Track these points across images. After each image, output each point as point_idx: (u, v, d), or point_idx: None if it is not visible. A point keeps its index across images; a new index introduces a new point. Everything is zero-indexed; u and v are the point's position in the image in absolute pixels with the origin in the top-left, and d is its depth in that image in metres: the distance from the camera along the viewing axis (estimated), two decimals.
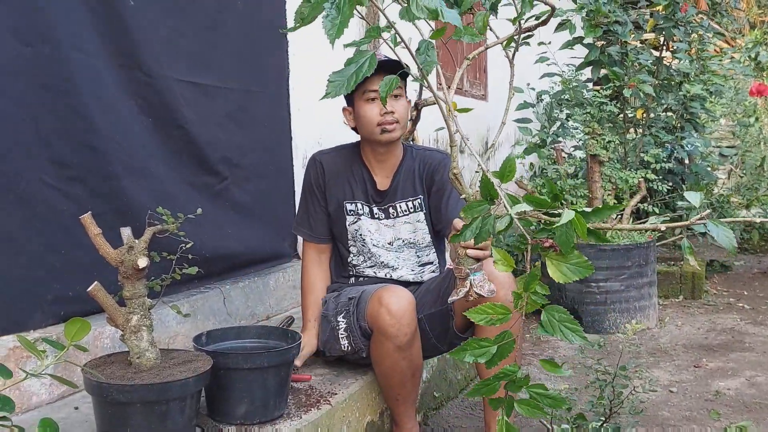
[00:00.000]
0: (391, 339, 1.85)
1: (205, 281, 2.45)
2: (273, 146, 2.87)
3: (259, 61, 2.76)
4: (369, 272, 2.17)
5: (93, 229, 1.47)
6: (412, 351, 1.90)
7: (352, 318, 1.95)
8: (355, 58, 1.20)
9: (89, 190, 1.97)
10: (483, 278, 1.54)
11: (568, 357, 3.17)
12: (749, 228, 5.05)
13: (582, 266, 1.12)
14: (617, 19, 4.25)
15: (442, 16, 1.10)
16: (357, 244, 2.17)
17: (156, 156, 2.27)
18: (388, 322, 1.83)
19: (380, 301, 1.85)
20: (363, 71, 1.19)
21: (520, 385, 1.21)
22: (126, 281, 1.51)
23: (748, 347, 3.32)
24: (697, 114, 4.92)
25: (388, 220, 2.16)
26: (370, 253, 2.16)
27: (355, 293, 1.99)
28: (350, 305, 1.97)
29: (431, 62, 1.21)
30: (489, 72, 5.37)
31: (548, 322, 1.18)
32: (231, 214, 2.61)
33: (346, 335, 1.98)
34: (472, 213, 1.15)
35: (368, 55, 1.19)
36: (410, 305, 1.85)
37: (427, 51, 1.23)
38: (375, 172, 2.17)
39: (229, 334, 1.85)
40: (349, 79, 1.20)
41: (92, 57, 2.00)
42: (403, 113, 2.09)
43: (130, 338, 1.50)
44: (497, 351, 1.20)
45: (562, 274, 1.12)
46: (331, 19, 1.09)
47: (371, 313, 1.88)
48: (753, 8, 12.63)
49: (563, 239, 1.09)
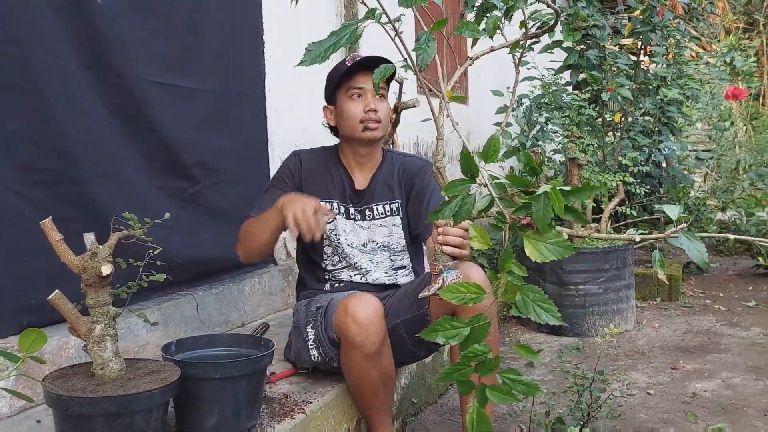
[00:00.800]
0: (359, 348, 1.80)
1: (177, 288, 2.40)
2: (249, 149, 2.83)
3: (235, 63, 2.72)
4: (344, 275, 2.13)
5: (54, 234, 1.42)
6: (381, 359, 1.85)
7: (320, 328, 1.91)
8: (338, 32, 1.17)
9: (56, 195, 1.92)
10: (457, 277, 1.51)
11: (548, 360, 3.16)
12: (725, 231, 5.09)
13: (560, 245, 1.06)
14: (596, 23, 4.26)
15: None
16: (332, 244, 2.13)
17: (127, 160, 2.21)
18: (354, 331, 1.79)
19: (346, 310, 1.81)
20: (342, 42, 1.16)
21: (490, 367, 1.14)
22: (89, 289, 1.46)
23: (724, 348, 3.33)
24: (674, 118, 4.95)
25: (363, 222, 2.13)
26: (345, 254, 2.12)
27: (323, 302, 1.95)
28: (318, 315, 1.93)
29: (429, 55, 1.17)
30: (470, 75, 5.37)
31: (522, 302, 1.12)
32: (205, 219, 2.56)
33: (315, 345, 1.93)
34: (453, 191, 1.11)
35: (351, 28, 1.16)
36: (377, 313, 1.81)
37: (427, 43, 1.19)
38: (354, 173, 2.14)
39: (200, 342, 1.80)
40: (327, 49, 1.16)
41: (60, 57, 1.95)
42: (385, 114, 2.07)
43: (93, 348, 1.45)
44: (470, 333, 1.13)
45: (539, 254, 1.06)
46: None
47: (338, 323, 1.84)
48: (728, 14, 12.79)
49: (540, 216, 1.03)
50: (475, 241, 1.11)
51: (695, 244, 1.07)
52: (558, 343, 3.43)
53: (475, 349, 1.13)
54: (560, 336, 3.56)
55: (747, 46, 10.38)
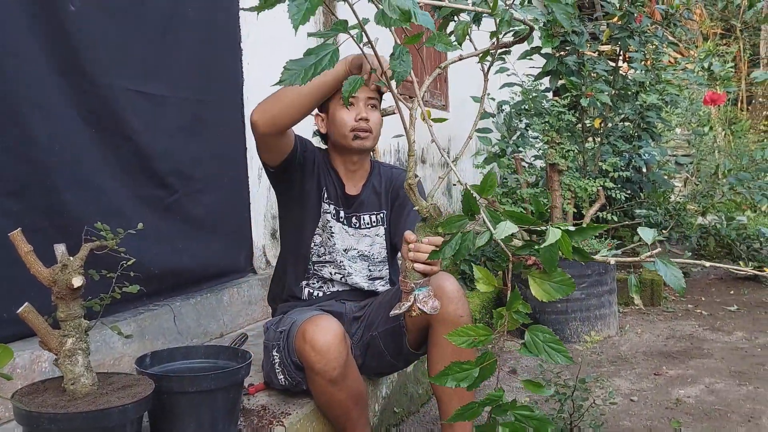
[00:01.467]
0: (321, 375, 1.76)
1: (154, 298, 2.35)
2: (227, 157, 2.79)
3: (213, 70, 2.68)
4: (326, 271, 2.08)
5: (23, 246, 1.38)
6: (347, 382, 1.80)
7: (284, 353, 1.87)
8: (316, 50, 1.12)
9: (27, 205, 1.87)
10: (428, 294, 1.48)
11: (531, 367, 3.14)
12: (705, 235, 5.12)
13: (566, 284, 1.10)
14: (574, 30, 4.28)
15: (415, 18, 1.05)
16: (324, 234, 2.09)
17: (101, 168, 2.17)
18: (313, 358, 1.74)
19: (304, 337, 1.76)
20: (323, 65, 1.11)
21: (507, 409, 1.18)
22: (60, 302, 1.42)
23: (707, 353, 3.34)
24: (654, 123, 4.98)
25: (350, 229, 2.11)
26: (333, 248, 2.08)
27: (285, 326, 1.90)
28: (281, 339, 1.88)
29: (405, 69, 1.14)
30: (450, 82, 5.37)
31: (532, 343, 1.14)
32: (183, 228, 2.51)
33: (281, 369, 1.89)
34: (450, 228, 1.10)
35: (330, 49, 1.12)
36: (336, 338, 1.76)
37: (402, 56, 1.16)
38: (345, 176, 2.12)
39: (176, 354, 1.76)
40: (307, 70, 1.10)
41: (31, 63, 1.91)
42: (377, 124, 2.03)
43: (64, 363, 1.40)
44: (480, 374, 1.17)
45: (545, 293, 1.10)
46: (298, 4, 1.01)
47: (297, 350, 1.80)
48: (706, 20, 12.97)
49: (547, 258, 1.06)
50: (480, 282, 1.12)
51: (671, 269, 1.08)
52: None
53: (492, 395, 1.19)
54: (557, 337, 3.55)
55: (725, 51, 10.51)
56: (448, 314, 1.82)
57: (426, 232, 1.43)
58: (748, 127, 10.68)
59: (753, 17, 10.11)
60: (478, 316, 3.71)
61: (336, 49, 1.11)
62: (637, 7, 4.51)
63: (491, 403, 1.18)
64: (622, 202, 4.60)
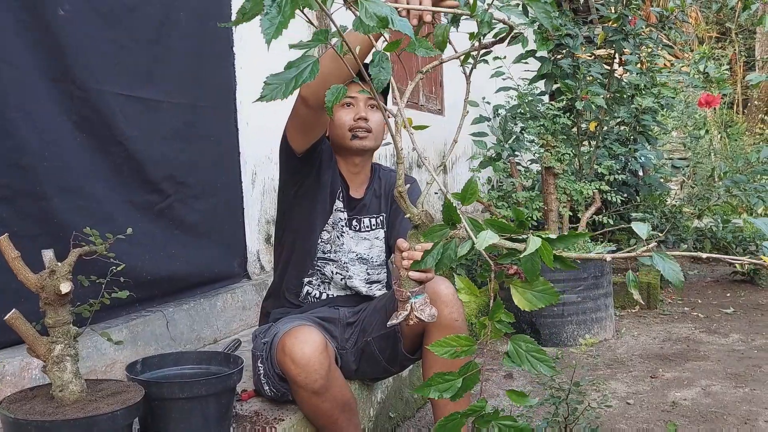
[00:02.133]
0: (303, 387, 1.74)
1: (146, 304, 2.34)
2: (220, 162, 2.78)
3: (205, 75, 2.68)
4: (328, 270, 2.07)
5: (10, 252, 1.37)
6: (331, 392, 1.78)
7: (267, 364, 1.86)
8: (297, 62, 1.10)
9: (16, 211, 1.86)
10: (424, 301, 1.47)
11: (525, 371, 3.13)
12: (702, 238, 5.12)
13: (548, 293, 1.09)
14: (568, 33, 4.28)
15: (392, 24, 1.04)
16: (333, 232, 2.07)
17: (92, 174, 2.16)
18: (294, 372, 1.73)
19: (284, 349, 1.75)
20: (303, 77, 1.10)
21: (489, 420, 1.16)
22: (48, 308, 1.41)
23: (703, 356, 3.33)
24: (649, 126, 4.98)
25: (351, 231, 2.10)
26: (341, 248, 2.07)
27: (268, 337, 1.89)
28: (264, 350, 1.87)
29: (385, 76, 1.13)
30: (445, 86, 5.37)
31: (515, 353, 1.13)
32: (175, 234, 2.50)
33: (266, 381, 1.88)
34: (432, 237, 1.09)
35: (311, 61, 1.11)
36: (315, 350, 1.73)
37: (382, 63, 1.14)
38: (349, 178, 2.10)
39: (167, 360, 1.75)
40: (288, 84, 1.09)
41: (20, 69, 1.90)
42: (377, 124, 2.00)
43: (52, 369, 1.39)
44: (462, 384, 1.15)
45: (527, 302, 1.09)
46: (270, 18, 1.00)
47: (279, 363, 1.79)
48: (701, 24, 13.00)
49: (529, 267, 1.04)
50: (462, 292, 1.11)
51: (669, 263, 1.06)
52: None
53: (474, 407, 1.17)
54: (540, 346, 3.54)
55: (720, 54, 10.53)
56: (443, 318, 1.81)
57: (419, 240, 1.42)
58: (744, 130, 10.70)
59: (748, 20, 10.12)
60: (474, 320, 3.70)
61: (316, 61, 1.10)
62: (632, 9, 4.52)
63: (474, 414, 1.17)
64: (618, 205, 4.60)
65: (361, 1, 1.01)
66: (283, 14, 0.99)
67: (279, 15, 0.99)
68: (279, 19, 0.99)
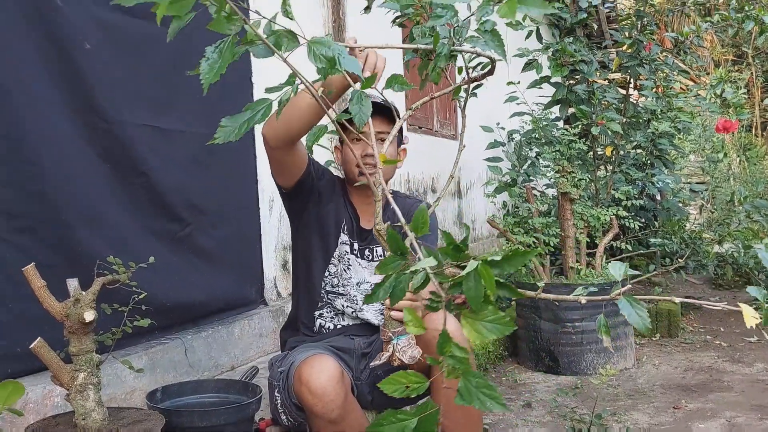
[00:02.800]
0: (320, 416, 1.74)
1: (165, 332, 2.36)
2: (238, 190, 2.82)
3: (224, 105, 2.69)
4: (339, 303, 2.07)
5: (36, 281, 1.39)
6: (348, 421, 1.77)
7: (284, 394, 1.86)
8: (253, 105, 1.14)
9: (40, 241, 1.90)
10: (408, 342, 1.45)
11: (546, 400, 3.10)
12: (722, 264, 5.06)
13: (500, 323, 0.99)
14: (583, 58, 4.30)
15: (339, 65, 1.05)
16: (339, 266, 2.09)
17: (114, 203, 2.19)
18: (311, 401, 1.72)
19: (300, 379, 1.74)
20: (255, 119, 1.12)
21: None
22: (72, 336, 1.42)
23: (727, 386, 3.27)
24: (666, 150, 4.96)
25: (363, 261, 2.11)
26: (348, 281, 2.08)
27: (285, 366, 1.89)
28: (281, 380, 1.87)
29: (365, 114, 1.15)
30: (459, 112, 5.40)
31: (465, 389, 1.06)
32: (194, 261, 2.53)
33: (283, 410, 1.88)
34: (385, 270, 1.06)
35: (265, 104, 1.13)
36: (332, 380, 1.73)
37: (361, 102, 1.15)
38: (360, 208, 2.13)
39: (186, 389, 1.76)
40: (240, 126, 1.12)
41: (43, 102, 1.94)
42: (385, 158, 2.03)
43: (75, 398, 1.41)
44: (418, 425, 1.05)
45: (478, 334, 1.00)
46: (210, 63, 1.04)
47: (296, 392, 1.79)
48: (717, 47, 13.00)
49: (472, 294, 0.97)
50: (410, 325, 1.04)
51: (636, 309, 1.03)
52: (555, 383, 3.38)
53: None
54: (558, 375, 3.50)
55: (737, 78, 10.50)
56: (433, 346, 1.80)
57: None
58: (764, 153, 10.61)
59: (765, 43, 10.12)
60: (492, 348, 3.68)
61: (270, 104, 1.12)
62: (646, 35, 4.53)
63: None
64: (636, 230, 4.56)
65: (308, 43, 1.04)
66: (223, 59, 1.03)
67: (219, 59, 1.04)
68: (219, 63, 1.04)
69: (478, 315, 0.99)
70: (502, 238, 4.54)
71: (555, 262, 4.12)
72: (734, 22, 4.45)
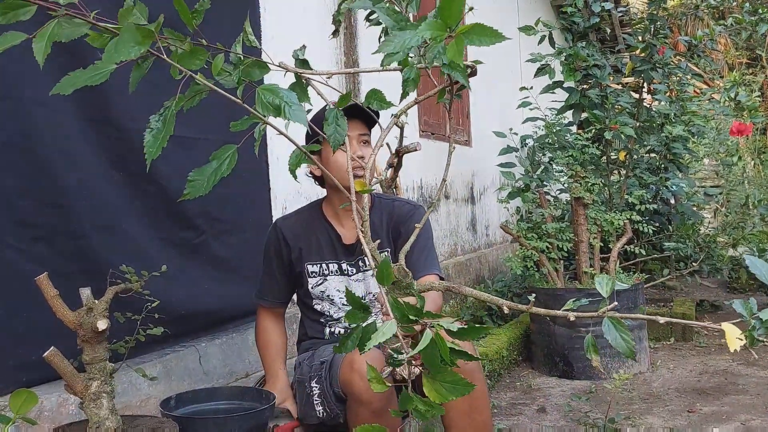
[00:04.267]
0: (366, 404, 1.74)
1: (180, 339, 2.37)
2: (252, 198, 2.83)
3: (237, 111, 2.72)
4: (341, 326, 2.10)
5: (50, 290, 1.41)
6: (388, 415, 1.79)
7: (325, 383, 1.87)
8: (219, 154, 1.14)
9: (55, 250, 1.91)
10: None
11: (560, 405, 3.08)
12: (737, 268, 5.02)
13: (459, 384, 1.00)
14: (596, 63, 4.29)
15: (286, 115, 1.05)
16: (324, 303, 2.11)
17: (128, 212, 2.21)
18: (362, 387, 1.73)
19: (352, 365, 1.76)
20: (223, 169, 1.13)
21: None
22: (85, 345, 1.44)
23: (742, 389, 3.24)
24: (680, 154, 4.93)
25: (359, 275, 2.10)
26: (340, 311, 2.10)
27: (327, 356, 1.91)
28: (323, 370, 1.89)
29: (341, 134, 1.14)
30: (472, 117, 5.40)
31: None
32: (208, 269, 2.54)
33: (320, 401, 1.89)
34: (352, 320, 1.06)
35: (231, 151, 1.13)
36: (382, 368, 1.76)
37: (337, 121, 1.14)
38: (342, 224, 2.10)
39: (200, 396, 1.77)
40: (209, 178, 1.13)
41: (58, 112, 1.96)
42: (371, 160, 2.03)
43: (89, 406, 1.42)
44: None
45: (438, 394, 1.00)
46: (154, 134, 1.04)
47: (343, 379, 1.80)
48: (731, 50, 12.90)
49: (428, 360, 0.98)
50: (374, 383, 1.05)
51: (620, 331, 1.03)
52: (570, 387, 3.36)
53: None
54: (572, 379, 3.49)
55: (751, 81, 10.42)
56: None
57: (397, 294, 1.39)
58: None
59: None
60: (506, 353, 3.67)
61: (234, 151, 1.12)
62: (660, 39, 4.52)
63: None
64: (650, 235, 4.54)
65: (257, 90, 1.04)
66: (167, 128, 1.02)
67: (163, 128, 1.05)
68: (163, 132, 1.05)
69: (436, 377, 1.00)
70: (515, 244, 4.54)
71: (569, 267, 4.11)
72: (748, 26, 4.42)
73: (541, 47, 4.48)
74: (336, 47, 3.49)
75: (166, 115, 1.01)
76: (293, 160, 1.18)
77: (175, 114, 1.01)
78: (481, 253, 5.34)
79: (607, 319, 1.01)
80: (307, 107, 1.13)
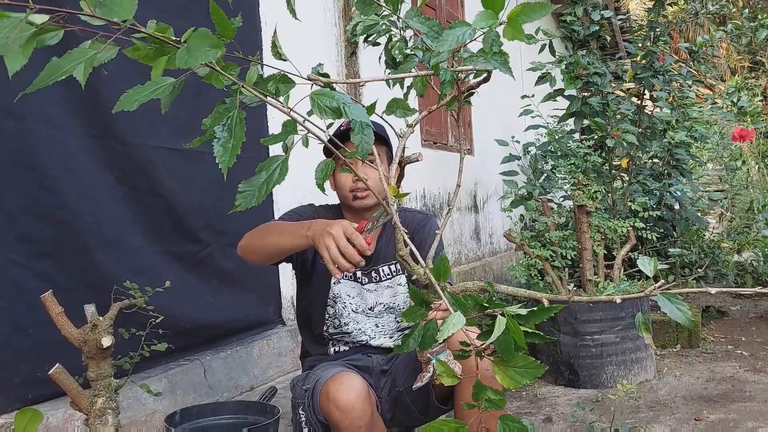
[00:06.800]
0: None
1: (184, 353, 2.37)
2: (255, 209, 2.82)
3: None
4: (344, 340, 2.10)
5: (54, 308, 1.41)
6: None
7: (309, 411, 1.87)
8: (267, 165, 1.11)
9: (59, 266, 1.92)
10: (446, 359, 1.45)
11: (567, 414, 3.07)
12: (742, 273, 5.00)
13: (531, 367, 1.03)
14: (596, 71, 4.30)
15: (345, 115, 1.04)
16: (336, 306, 2.10)
17: (132, 227, 2.22)
18: (338, 417, 1.73)
19: (328, 396, 1.76)
20: (274, 179, 1.10)
21: None
22: (90, 361, 1.44)
23: (749, 396, 3.23)
24: (684, 160, 4.93)
25: (371, 284, 2.10)
26: (348, 318, 2.09)
27: (309, 384, 1.90)
28: (306, 397, 1.88)
29: (368, 143, 1.12)
30: (474, 126, 5.41)
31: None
32: (213, 282, 2.55)
33: (308, 429, 1.89)
34: (411, 318, 1.06)
35: (280, 161, 1.09)
36: (359, 397, 1.74)
37: (363, 131, 1.13)
38: None
39: (205, 411, 1.77)
40: (260, 189, 1.09)
41: (61, 129, 1.98)
42: (376, 181, 2.02)
43: (94, 423, 1.42)
44: None
45: (510, 380, 1.03)
46: (222, 144, 1.01)
47: (322, 409, 1.80)
48: (732, 55, 12.91)
49: (502, 347, 1.01)
50: (443, 376, 1.06)
51: (676, 304, 1.03)
52: (576, 395, 3.35)
53: None
54: (578, 388, 3.47)
55: (753, 85, 10.41)
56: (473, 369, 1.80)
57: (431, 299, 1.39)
58: None
59: None
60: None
61: (284, 161, 1.09)
62: (660, 46, 4.52)
63: None
64: (654, 241, 4.53)
65: (312, 96, 1.03)
66: (234, 137, 0.99)
67: (231, 138, 1.01)
68: (232, 142, 1.00)
69: (509, 363, 1.02)
70: (519, 252, 4.53)
71: (573, 275, 4.10)
72: (747, 31, 4.43)
73: (542, 56, 4.49)
74: (337, 59, 3.51)
75: (231, 124, 1.00)
76: (320, 173, 1.17)
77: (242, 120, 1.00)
78: (486, 262, 5.34)
79: (660, 294, 1.03)
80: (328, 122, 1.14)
